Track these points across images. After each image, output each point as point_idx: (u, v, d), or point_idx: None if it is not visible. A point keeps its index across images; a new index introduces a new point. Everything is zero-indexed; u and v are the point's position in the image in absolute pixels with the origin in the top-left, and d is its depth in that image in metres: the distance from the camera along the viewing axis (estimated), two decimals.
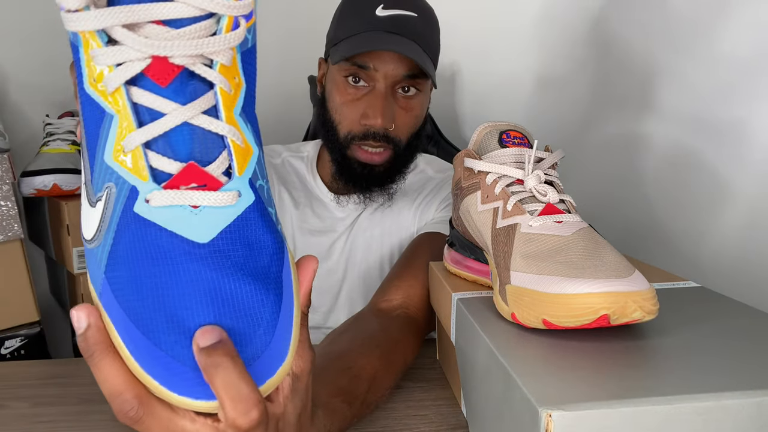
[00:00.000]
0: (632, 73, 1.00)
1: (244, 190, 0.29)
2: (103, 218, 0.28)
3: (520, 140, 0.50)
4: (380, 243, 0.83)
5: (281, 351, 0.29)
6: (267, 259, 0.29)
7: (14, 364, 0.67)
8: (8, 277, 1.01)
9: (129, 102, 0.27)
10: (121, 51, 0.26)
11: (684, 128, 0.88)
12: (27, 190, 1.07)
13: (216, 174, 0.28)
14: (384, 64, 0.73)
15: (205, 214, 0.27)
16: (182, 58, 0.27)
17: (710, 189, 0.83)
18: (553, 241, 0.42)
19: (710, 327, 0.42)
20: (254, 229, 0.29)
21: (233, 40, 0.28)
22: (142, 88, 0.27)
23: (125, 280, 0.27)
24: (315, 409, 0.40)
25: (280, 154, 0.91)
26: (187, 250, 0.27)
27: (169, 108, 0.27)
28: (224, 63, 0.28)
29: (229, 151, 0.28)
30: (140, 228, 0.27)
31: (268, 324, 0.28)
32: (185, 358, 0.26)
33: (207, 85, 0.28)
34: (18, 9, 1.25)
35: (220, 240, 0.27)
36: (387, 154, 0.78)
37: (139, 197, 0.27)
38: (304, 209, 0.85)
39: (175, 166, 0.27)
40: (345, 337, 0.57)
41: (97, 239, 0.28)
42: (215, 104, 0.28)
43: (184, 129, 0.27)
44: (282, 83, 1.22)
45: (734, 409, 0.31)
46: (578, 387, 0.32)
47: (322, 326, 0.84)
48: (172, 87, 0.27)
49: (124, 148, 0.27)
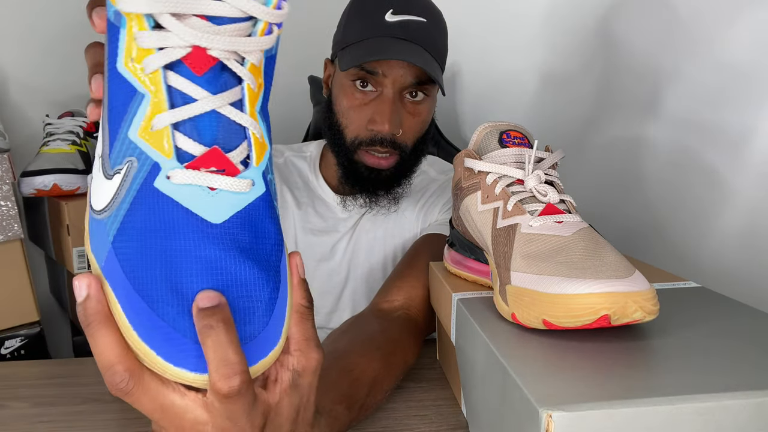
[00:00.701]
0: (634, 74, 1.00)
1: (257, 180, 0.30)
2: (119, 190, 0.29)
3: (520, 140, 0.50)
4: (383, 244, 0.83)
5: (275, 335, 0.30)
6: (270, 247, 0.31)
7: (14, 364, 0.67)
8: (8, 277, 1.01)
9: (164, 84, 0.29)
10: (167, 36, 0.28)
11: (685, 130, 0.88)
12: (27, 190, 1.07)
13: (235, 161, 0.30)
14: (392, 70, 0.73)
15: (220, 197, 0.29)
16: (219, 51, 0.29)
17: (711, 190, 0.83)
18: (553, 242, 0.42)
19: (710, 327, 0.42)
20: (262, 218, 0.31)
21: (266, 43, 0.30)
22: (179, 73, 0.29)
23: (134, 250, 0.28)
24: (318, 417, 0.40)
25: (282, 153, 0.91)
26: (200, 228, 0.28)
27: (201, 95, 0.29)
28: (254, 63, 0.30)
29: (249, 142, 0.31)
30: (158, 202, 0.28)
31: (266, 307, 0.29)
32: (186, 330, 0.27)
33: (236, 79, 0.30)
34: (18, 9, 1.26)
35: (231, 223, 0.29)
36: (394, 159, 0.78)
37: (161, 173, 0.28)
38: (307, 209, 0.85)
39: (199, 149, 0.29)
40: (345, 337, 0.57)
41: (108, 210, 0.30)
42: (242, 98, 0.30)
43: (212, 116, 0.29)
44: (282, 83, 1.22)
45: (735, 409, 0.31)
46: (578, 387, 0.32)
47: (325, 327, 0.84)
48: (206, 77, 0.29)
49: (153, 126, 0.29)
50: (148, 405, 0.29)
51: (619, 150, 1.05)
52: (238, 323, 0.28)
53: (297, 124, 1.21)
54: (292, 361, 0.33)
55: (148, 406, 0.29)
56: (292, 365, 0.33)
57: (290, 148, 0.93)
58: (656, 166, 0.95)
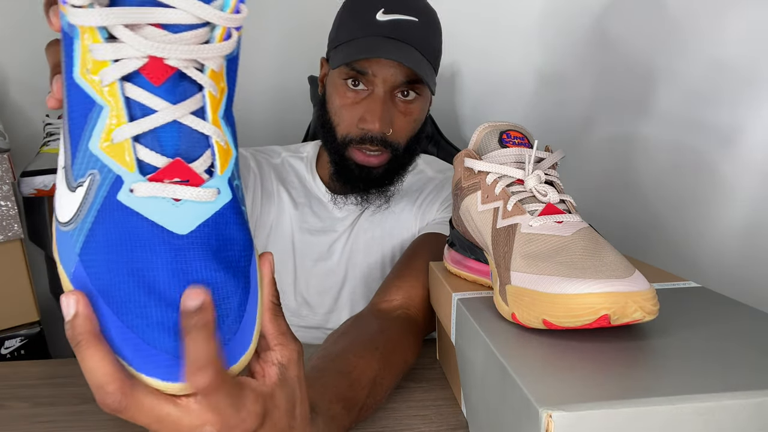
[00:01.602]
0: (633, 73, 1.00)
1: (223, 188, 0.30)
2: (83, 203, 0.29)
3: (520, 140, 0.50)
4: (381, 244, 0.83)
5: (246, 340, 0.30)
6: (238, 254, 0.31)
7: (14, 364, 0.67)
8: (8, 277, 1.01)
9: (122, 96, 0.28)
10: (121, 48, 0.28)
11: (684, 129, 0.88)
12: (27, 190, 1.07)
13: (199, 171, 0.30)
14: (382, 69, 0.74)
15: (185, 208, 0.29)
16: (177, 60, 0.28)
17: (710, 189, 0.83)
18: (553, 241, 0.42)
19: (710, 327, 0.42)
20: (229, 225, 0.31)
21: (225, 49, 0.30)
22: (136, 84, 0.28)
23: (101, 263, 0.28)
24: (315, 416, 0.41)
25: (279, 154, 0.92)
26: (166, 240, 0.28)
27: (161, 106, 0.29)
28: (214, 69, 0.30)
29: (212, 151, 0.30)
30: (122, 215, 0.28)
31: (236, 314, 0.30)
32: (156, 342, 0.27)
33: (197, 87, 0.30)
34: (18, 9, 1.26)
35: (197, 233, 0.29)
36: (385, 157, 0.78)
37: (123, 186, 0.28)
38: (303, 209, 0.85)
39: (162, 161, 0.29)
40: (345, 338, 0.57)
41: (73, 222, 0.30)
42: (203, 106, 0.30)
43: (173, 126, 0.29)
44: (282, 83, 1.22)
45: (735, 410, 0.31)
46: (578, 387, 0.32)
47: (323, 326, 0.84)
48: (164, 86, 0.29)
49: (113, 139, 0.28)
50: (144, 419, 0.29)
51: (619, 149, 1.05)
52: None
53: (297, 124, 1.21)
54: (275, 356, 0.34)
55: (144, 420, 0.29)
56: (276, 359, 0.34)
57: (287, 149, 0.93)
58: (656, 166, 0.95)
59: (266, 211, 0.85)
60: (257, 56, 1.22)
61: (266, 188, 0.86)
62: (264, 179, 0.87)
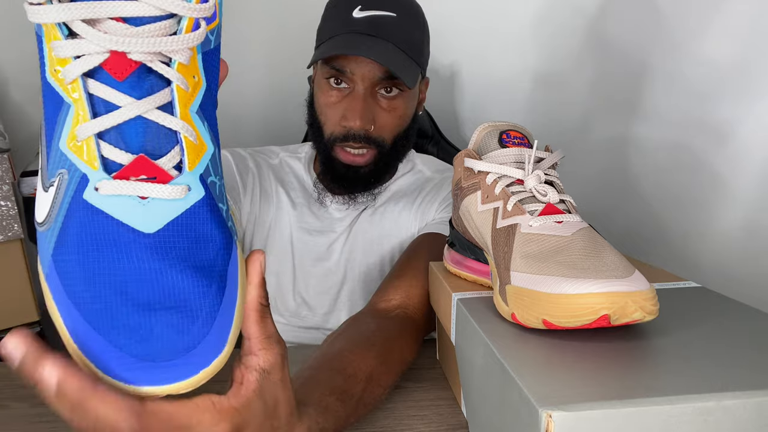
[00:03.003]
0: (632, 73, 1.00)
1: (194, 185, 0.29)
2: (54, 203, 0.29)
3: (520, 140, 0.50)
4: (380, 244, 0.83)
5: (218, 344, 0.29)
6: (213, 253, 0.30)
7: None
8: (8, 277, 1.01)
9: (85, 93, 0.28)
10: (80, 44, 0.27)
11: (683, 128, 0.88)
12: (27, 190, 1.07)
13: (166, 167, 0.29)
14: (360, 67, 0.74)
15: (152, 206, 0.28)
16: (140, 54, 0.28)
17: (710, 189, 0.83)
18: (553, 242, 0.42)
19: (710, 327, 0.42)
20: (202, 223, 0.30)
21: (192, 40, 0.29)
22: (99, 80, 0.28)
23: (71, 264, 0.28)
24: (305, 408, 0.41)
25: (277, 154, 0.92)
26: (133, 239, 0.28)
27: (124, 101, 0.28)
28: (182, 62, 0.29)
29: (181, 147, 0.29)
30: (88, 215, 0.28)
31: (207, 316, 0.29)
32: (122, 344, 0.27)
33: (164, 81, 0.29)
34: (19, 9, 1.25)
35: (166, 231, 0.28)
36: (370, 155, 0.78)
37: (89, 185, 0.28)
38: (302, 209, 0.85)
39: (126, 158, 0.28)
40: (342, 338, 0.57)
41: (47, 223, 0.29)
42: (171, 100, 0.29)
43: (138, 122, 0.28)
44: (283, 84, 1.22)
45: (735, 409, 0.31)
46: (578, 387, 0.32)
47: (322, 327, 0.84)
48: (128, 82, 0.28)
49: (78, 136, 0.28)
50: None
51: (619, 148, 1.05)
52: (176, 334, 0.27)
53: (297, 124, 1.21)
54: (257, 361, 0.33)
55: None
56: (258, 365, 0.33)
57: (285, 149, 0.93)
58: (656, 166, 0.95)
59: (265, 212, 0.85)
60: (256, 56, 1.23)
61: (265, 189, 0.86)
62: (263, 180, 0.87)
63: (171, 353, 0.27)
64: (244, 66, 1.21)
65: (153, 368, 0.27)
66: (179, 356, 0.27)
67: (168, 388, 0.28)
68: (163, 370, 0.27)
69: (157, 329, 0.27)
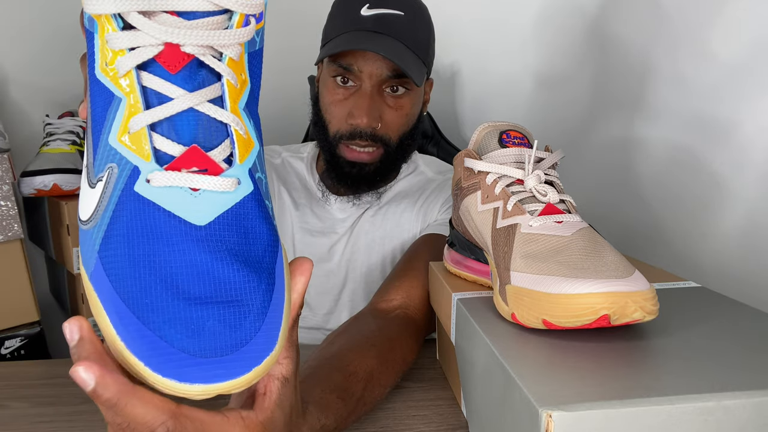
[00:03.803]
0: (632, 72, 1.00)
1: (243, 179, 0.29)
2: (102, 198, 0.29)
3: (520, 140, 0.50)
4: (381, 245, 0.83)
5: (269, 341, 0.28)
6: (261, 249, 0.29)
7: (14, 364, 0.67)
8: (8, 277, 1.01)
9: (138, 85, 0.28)
10: (136, 36, 0.27)
11: (684, 128, 0.88)
12: (27, 190, 1.07)
13: (217, 160, 0.29)
14: (367, 64, 0.74)
15: (204, 198, 0.28)
16: (193, 47, 0.28)
17: (710, 189, 0.83)
18: (553, 242, 0.42)
19: (710, 327, 0.42)
20: (251, 218, 0.29)
21: (243, 36, 0.29)
22: (152, 73, 0.28)
23: (119, 258, 0.27)
24: (306, 405, 0.41)
25: (279, 154, 0.92)
26: (184, 231, 0.27)
27: (177, 93, 0.28)
28: (233, 57, 0.29)
29: (231, 140, 0.30)
30: (139, 206, 0.27)
31: (258, 311, 0.28)
32: (173, 339, 0.26)
33: (215, 76, 0.29)
34: (18, 9, 1.25)
35: (217, 224, 0.28)
36: (377, 153, 0.78)
37: (140, 177, 0.28)
38: (304, 209, 0.85)
39: (178, 149, 0.28)
40: (342, 337, 0.57)
41: (93, 219, 0.29)
42: (221, 95, 0.29)
43: (190, 114, 0.28)
44: (282, 84, 1.22)
45: (734, 409, 0.31)
46: (578, 387, 0.32)
47: (323, 327, 0.84)
48: (181, 74, 0.28)
49: (130, 129, 0.28)
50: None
51: (619, 148, 1.05)
52: (229, 329, 0.27)
53: (297, 124, 1.21)
54: (280, 370, 0.33)
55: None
56: (281, 374, 0.33)
57: (287, 149, 0.93)
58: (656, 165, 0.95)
59: None
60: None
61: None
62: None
63: (223, 348, 0.26)
64: None
65: (205, 364, 0.26)
66: (232, 352, 0.26)
67: (220, 387, 0.26)
68: (215, 366, 0.26)
69: (209, 324, 0.26)
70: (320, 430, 0.42)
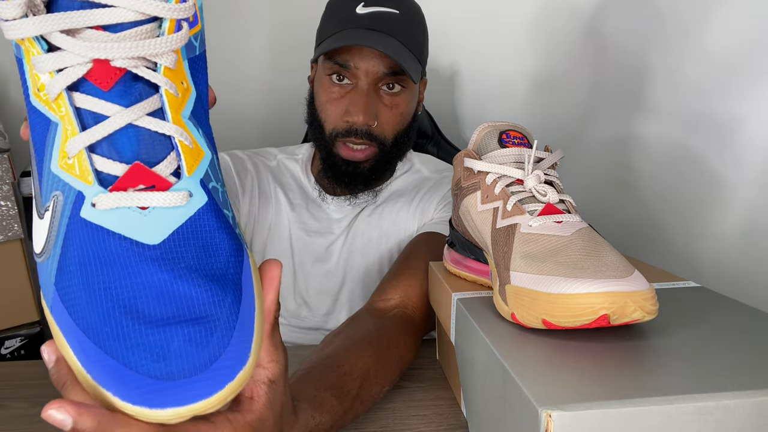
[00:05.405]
0: (633, 72, 1.00)
1: (195, 191, 0.28)
2: (51, 228, 0.27)
3: (519, 140, 0.50)
4: (379, 245, 0.83)
5: (241, 354, 0.27)
6: (224, 260, 0.28)
7: (14, 364, 0.67)
8: (8, 277, 1.01)
9: (71, 107, 0.26)
10: (62, 56, 0.26)
11: (683, 128, 0.88)
12: (27, 190, 1.07)
13: (164, 174, 0.28)
14: (363, 61, 0.74)
15: (154, 215, 0.27)
16: (124, 60, 0.27)
17: (710, 189, 0.83)
18: (552, 241, 0.42)
19: (710, 327, 0.42)
20: (209, 230, 0.28)
21: (176, 42, 0.27)
22: (84, 92, 0.27)
23: (75, 289, 0.26)
24: (299, 403, 0.41)
25: (275, 156, 0.92)
26: (138, 252, 0.26)
27: (112, 111, 0.27)
28: (168, 66, 0.28)
29: (177, 152, 0.28)
30: (88, 233, 0.26)
31: (225, 326, 0.27)
32: (138, 365, 0.25)
33: (152, 87, 0.28)
34: None
35: (172, 241, 0.27)
36: (371, 151, 0.78)
37: (85, 201, 0.26)
38: (301, 210, 0.85)
39: (120, 168, 0.27)
40: (339, 337, 0.57)
41: (45, 252, 0.28)
42: (161, 106, 0.28)
43: (129, 130, 0.27)
44: (282, 84, 1.22)
45: (734, 409, 0.31)
46: (578, 387, 0.32)
47: (322, 327, 0.84)
48: (114, 90, 0.27)
49: (69, 153, 0.27)
50: None
51: (619, 148, 1.05)
52: (196, 347, 0.25)
53: (297, 125, 1.21)
54: (266, 374, 0.32)
55: None
56: (267, 377, 0.32)
57: (283, 151, 0.93)
58: (656, 165, 0.95)
59: (264, 213, 0.85)
60: (254, 56, 1.23)
61: (264, 190, 0.86)
62: (261, 181, 0.87)
63: (191, 369, 0.25)
64: (243, 66, 1.21)
65: (174, 388, 0.25)
66: (201, 371, 0.25)
67: (192, 408, 0.25)
68: (185, 388, 0.25)
69: (174, 345, 0.25)
70: (315, 427, 0.42)
